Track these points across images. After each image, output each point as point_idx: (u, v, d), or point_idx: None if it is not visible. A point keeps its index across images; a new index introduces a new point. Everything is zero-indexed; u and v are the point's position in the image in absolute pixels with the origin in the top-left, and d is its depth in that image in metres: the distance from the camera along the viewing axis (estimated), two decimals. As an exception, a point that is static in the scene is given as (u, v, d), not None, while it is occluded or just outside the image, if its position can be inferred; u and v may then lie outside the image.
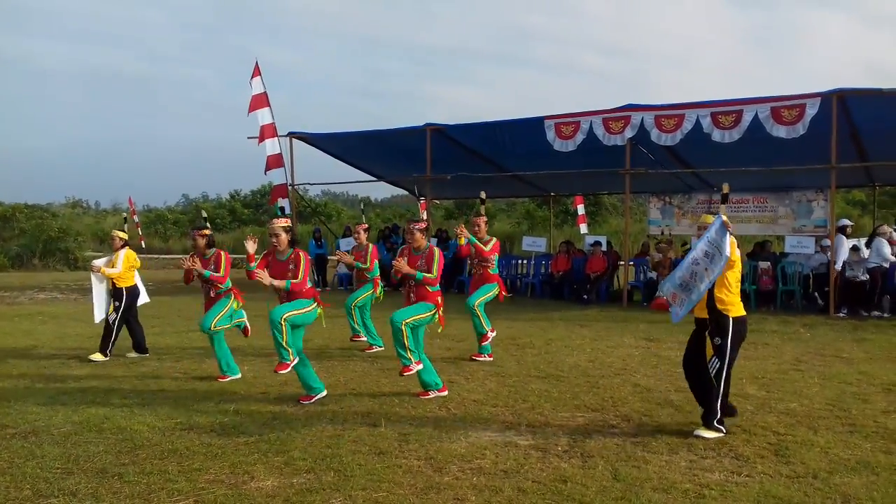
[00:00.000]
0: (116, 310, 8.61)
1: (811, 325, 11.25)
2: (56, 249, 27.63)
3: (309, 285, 6.52)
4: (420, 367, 6.42)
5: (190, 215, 44.58)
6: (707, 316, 5.41)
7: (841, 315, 12.30)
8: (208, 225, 8.06)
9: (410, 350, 6.35)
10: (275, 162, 17.63)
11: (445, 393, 6.57)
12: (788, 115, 12.36)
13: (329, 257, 19.22)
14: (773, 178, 15.92)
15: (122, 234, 8.81)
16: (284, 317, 6.12)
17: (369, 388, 6.94)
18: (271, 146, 17.55)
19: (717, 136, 12.96)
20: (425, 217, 8.93)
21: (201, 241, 7.72)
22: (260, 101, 17.47)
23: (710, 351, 5.38)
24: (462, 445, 5.14)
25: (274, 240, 6.45)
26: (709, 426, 5.35)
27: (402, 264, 6.46)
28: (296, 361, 6.22)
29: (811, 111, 12.19)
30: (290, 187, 18.00)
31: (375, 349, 8.98)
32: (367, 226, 9.65)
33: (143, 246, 26.94)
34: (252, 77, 17.56)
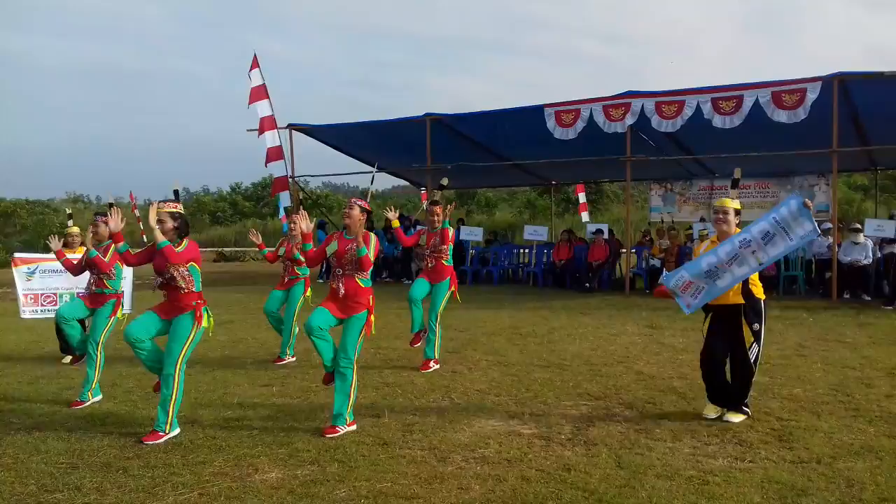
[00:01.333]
0: None
1: (814, 310, 11.24)
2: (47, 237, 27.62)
3: (196, 289, 5.44)
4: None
5: (191, 209, 44.59)
6: (742, 301, 5.34)
7: (846, 298, 12.31)
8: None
9: (351, 406, 5.35)
10: (275, 154, 17.58)
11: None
12: (789, 99, 12.32)
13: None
14: (775, 164, 15.90)
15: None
16: (177, 366, 5.24)
17: (372, 380, 6.95)
18: (271, 138, 17.51)
19: (717, 121, 12.92)
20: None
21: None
22: (259, 93, 17.42)
23: (749, 337, 5.32)
24: (465, 435, 5.15)
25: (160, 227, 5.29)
26: (740, 410, 5.38)
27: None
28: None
29: (812, 95, 12.15)
30: (290, 179, 17.98)
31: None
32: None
33: (145, 240, 26.88)
34: (250, 69, 17.50)
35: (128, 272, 8.50)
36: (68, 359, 8.02)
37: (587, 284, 14.71)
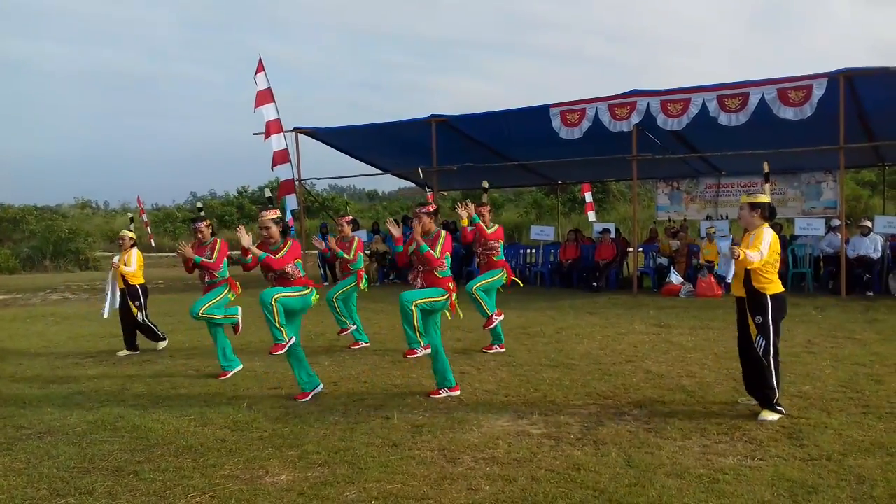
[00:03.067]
0: (140, 308, 8.92)
1: (822, 307, 11.21)
2: (66, 250, 27.79)
3: (301, 274, 6.43)
4: (427, 351, 6.19)
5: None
6: (743, 295, 5.42)
7: (868, 295, 12.29)
8: (203, 215, 8.32)
9: (420, 332, 6.11)
10: (281, 157, 17.61)
11: (457, 393, 6.32)
12: (795, 96, 12.28)
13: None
14: (782, 161, 15.84)
15: (131, 234, 9.08)
16: (275, 297, 6.08)
17: (381, 381, 6.96)
18: (277, 142, 17.54)
19: (723, 119, 12.89)
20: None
21: (206, 231, 7.94)
22: (265, 96, 17.46)
23: (753, 330, 5.37)
24: (475, 435, 5.15)
25: (265, 232, 6.43)
26: (771, 408, 5.36)
27: (416, 231, 6.32)
28: (291, 342, 6.19)
29: (818, 92, 12.11)
30: (296, 182, 18.01)
31: (361, 345, 8.86)
32: (350, 218, 9.42)
33: (153, 244, 27.01)
34: (256, 73, 17.53)
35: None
36: (124, 352, 8.86)
37: (594, 284, 14.69)
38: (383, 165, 20.25)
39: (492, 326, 8.03)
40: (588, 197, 22.95)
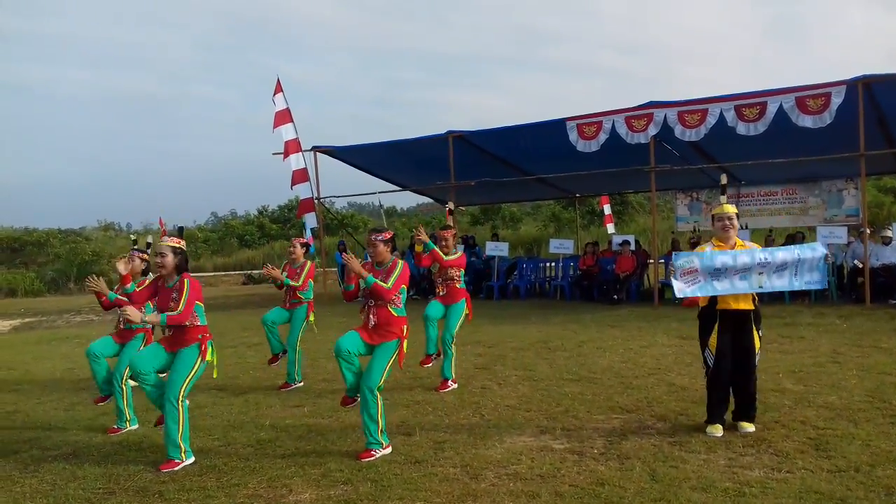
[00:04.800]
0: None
1: (847, 316, 11.08)
2: (90, 273, 28.07)
3: (200, 322, 5.38)
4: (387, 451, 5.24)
5: (220, 233, 45.05)
6: (752, 307, 5.34)
7: (893, 303, 12.14)
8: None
9: (383, 431, 5.25)
10: (300, 176, 17.78)
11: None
12: (814, 104, 12.20)
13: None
14: (802, 169, 15.73)
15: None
16: (178, 397, 5.17)
17: (402, 398, 6.96)
18: (296, 161, 17.72)
19: (741, 129, 12.83)
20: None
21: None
22: (283, 116, 17.65)
23: (757, 343, 5.33)
24: (497, 451, 5.14)
25: (159, 259, 5.42)
26: (752, 419, 5.34)
27: (351, 259, 5.32)
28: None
29: (837, 99, 12.03)
30: (316, 201, 18.14)
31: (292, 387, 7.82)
32: (304, 240, 8.53)
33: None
34: (274, 94, 17.74)
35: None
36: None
37: (615, 296, 14.62)
38: (401, 182, 20.34)
39: (445, 390, 7.25)
40: (607, 209, 22.90)
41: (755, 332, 5.34)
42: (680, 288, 5.21)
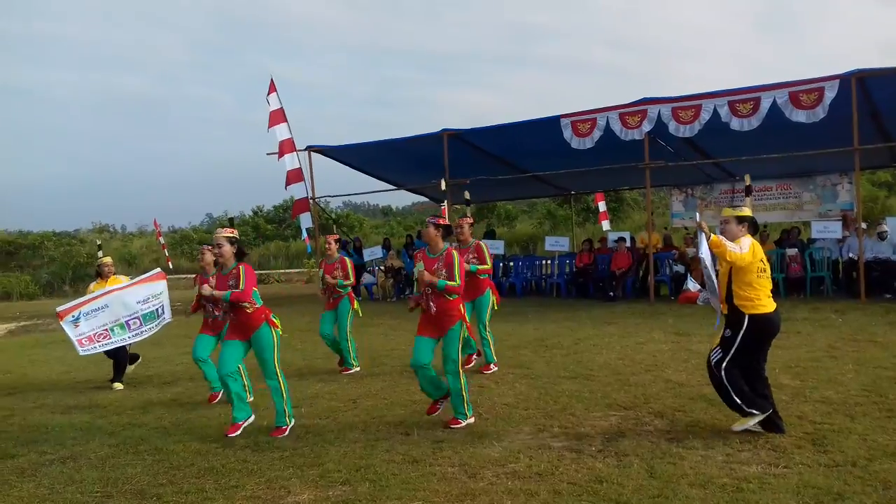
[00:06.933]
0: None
1: (842, 310, 11.10)
2: (85, 275, 28.06)
3: (259, 304, 5.94)
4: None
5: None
6: (726, 312, 5.30)
7: (888, 297, 12.17)
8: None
9: (468, 403, 5.90)
10: (295, 176, 17.73)
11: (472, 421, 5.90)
12: (807, 99, 12.23)
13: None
14: (796, 164, 15.75)
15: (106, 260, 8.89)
16: (276, 373, 5.93)
17: (400, 398, 6.95)
18: (291, 161, 17.67)
19: (735, 124, 12.85)
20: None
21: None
22: (277, 116, 17.60)
23: (715, 341, 5.33)
24: (495, 450, 5.14)
25: (217, 250, 5.95)
26: (743, 413, 5.25)
27: (424, 273, 5.78)
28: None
29: (830, 94, 12.05)
30: (310, 201, 18.11)
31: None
32: (337, 236, 8.90)
33: (171, 266, 27.18)
34: (268, 93, 17.69)
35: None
36: (119, 385, 8.29)
37: (611, 293, 14.63)
38: (396, 181, 20.31)
39: (489, 372, 7.85)
40: (602, 206, 22.89)
41: (720, 330, 5.34)
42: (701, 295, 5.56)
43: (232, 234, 5.93)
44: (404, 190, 21.25)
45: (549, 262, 17.76)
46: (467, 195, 8.62)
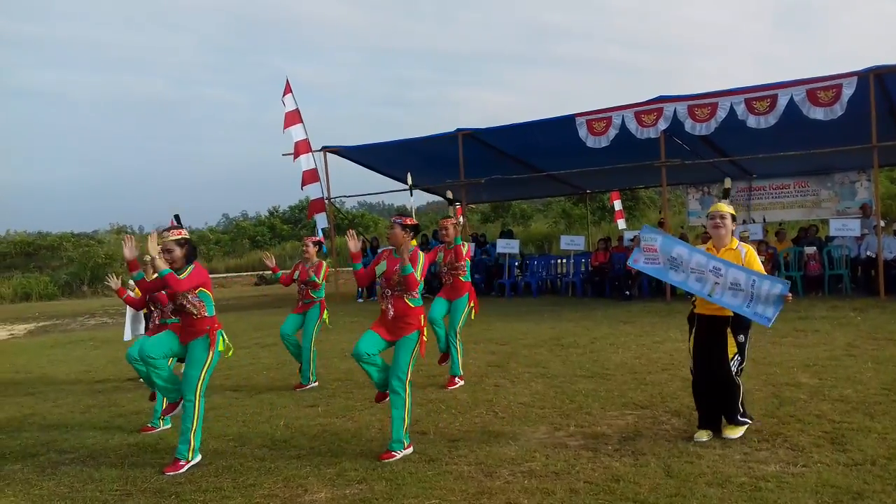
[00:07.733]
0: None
1: (861, 308, 11.01)
2: (104, 276, 28.25)
3: (208, 313, 5.35)
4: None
5: (232, 234, 45.20)
6: (730, 314, 5.07)
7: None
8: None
9: (407, 430, 5.27)
10: (310, 177, 17.83)
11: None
12: (825, 96, 12.14)
13: None
14: (813, 161, 15.66)
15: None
16: (196, 392, 5.25)
17: (416, 397, 6.95)
18: (306, 161, 17.77)
19: (752, 122, 12.77)
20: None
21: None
22: (293, 117, 17.71)
23: (731, 349, 5.09)
24: (511, 449, 5.14)
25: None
26: (737, 423, 5.14)
27: (352, 241, 5.59)
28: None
29: (848, 91, 11.96)
30: (326, 201, 18.18)
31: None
32: (317, 238, 8.55)
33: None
34: (284, 94, 17.80)
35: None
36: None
37: (627, 292, 14.59)
38: (412, 180, 20.33)
39: (453, 387, 7.28)
40: (617, 205, 22.84)
41: (730, 338, 5.10)
42: (636, 259, 5.33)
43: (180, 237, 5.34)
44: (419, 189, 21.27)
45: (564, 261, 17.73)
46: (450, 194, 8.31)
